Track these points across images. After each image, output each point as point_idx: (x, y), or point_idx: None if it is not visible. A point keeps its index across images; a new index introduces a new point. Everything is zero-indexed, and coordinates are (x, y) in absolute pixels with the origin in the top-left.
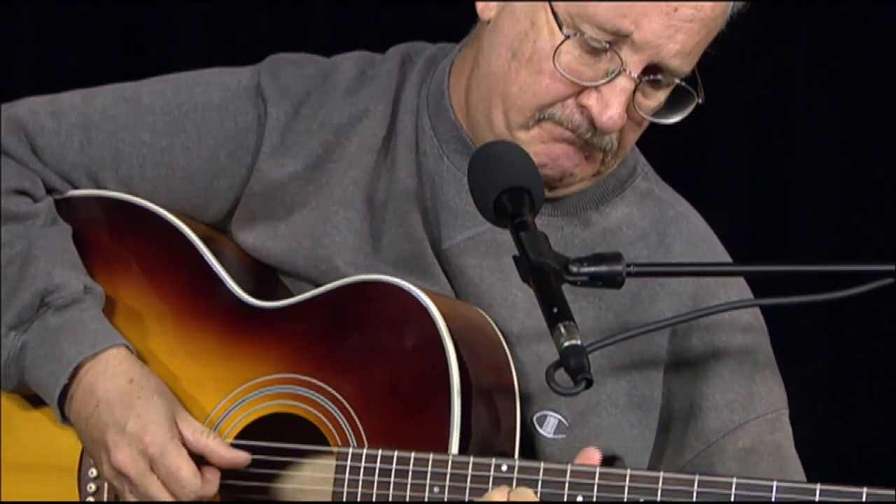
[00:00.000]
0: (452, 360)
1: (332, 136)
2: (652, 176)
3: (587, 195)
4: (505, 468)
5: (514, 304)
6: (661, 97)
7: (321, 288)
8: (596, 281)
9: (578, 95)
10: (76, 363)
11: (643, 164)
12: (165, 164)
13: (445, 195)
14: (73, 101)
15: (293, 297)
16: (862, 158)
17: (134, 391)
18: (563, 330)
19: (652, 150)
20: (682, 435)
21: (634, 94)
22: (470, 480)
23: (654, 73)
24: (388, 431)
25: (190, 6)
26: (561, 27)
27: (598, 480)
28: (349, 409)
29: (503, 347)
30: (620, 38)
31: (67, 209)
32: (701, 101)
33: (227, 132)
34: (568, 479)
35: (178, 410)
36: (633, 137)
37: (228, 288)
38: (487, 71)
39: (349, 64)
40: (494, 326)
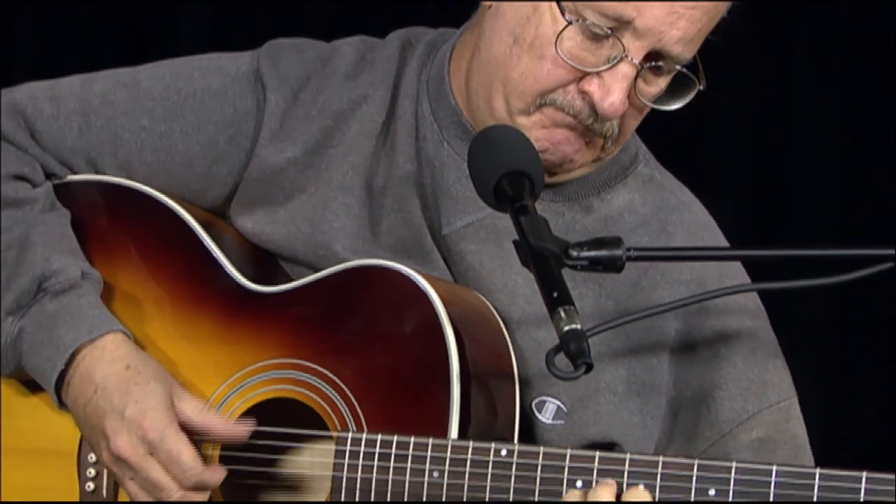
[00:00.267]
0: (452, 345)
1: (331, 121)
2: (653, 163)
3: (589, 181)
4: (504, 453)
5: (514, 289)
6: (662, 84)
7: (320, 273)
8: (596, 265)
9: (580, 81)
10: (73, 349)
11: (644, 151)
12: (164, 149)
13: (446, 181)
14: (72, 86)
15: (292, 282)
16: (862, 146)
17: (131, 377)
18: (563, 314)
19: (651, 136)
20: (694, 424)
21: (636, 80)
22: (469, 465)
23: (655, 59)
24: (387, 416)
25: (190, 6)
26: (563, 13)
27: (597, 465)
28: (348, 393)
29: (503, 333)
30: (622, 24)
31: (66, 194)
32: (702, 87)
33: (226, 117)
34: (567, 464)
35: (175, 391)
36: (633, 124)
37: (227, 273)
38: (489, 56)
39: (349, 49)
40: (494, 311)
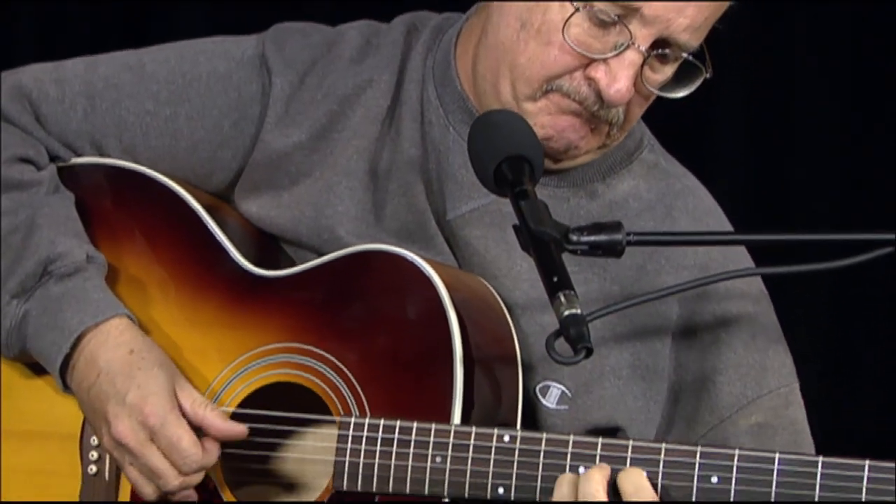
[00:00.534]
0: (455, 329)
1: (336, 105)
2: (658, 149)
3: (594, 167)
4: (507, 439)
5: (518, 274)
6: (668, 71)
7: (324, 257)
8: (596, 250)
9: (586, 68)
10: (78, 333)
11: (649, 136)
12: (169, 133)
13: (451, 166)
14: (77, 68)
15: (296, 266)
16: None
17: (135, 362)
18: (562, 299)
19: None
20: (694, 409)
21: (642, 67)
22: (472, 451)
23: (662, 47)
24: (390, 401)
25: (190, 6)
26: None
27: (600, 451)
28: (352, 378)
29: (506, 317)
30: (630, 11)
31: (70, 177)
32: (709, 75)
33: (231, 102)
34: (570, 449)
35: (178, 380)
36: (639, 111)
37: (231, 257)
38: (496, 41)
39: (354, 33)
40: (497, 296)
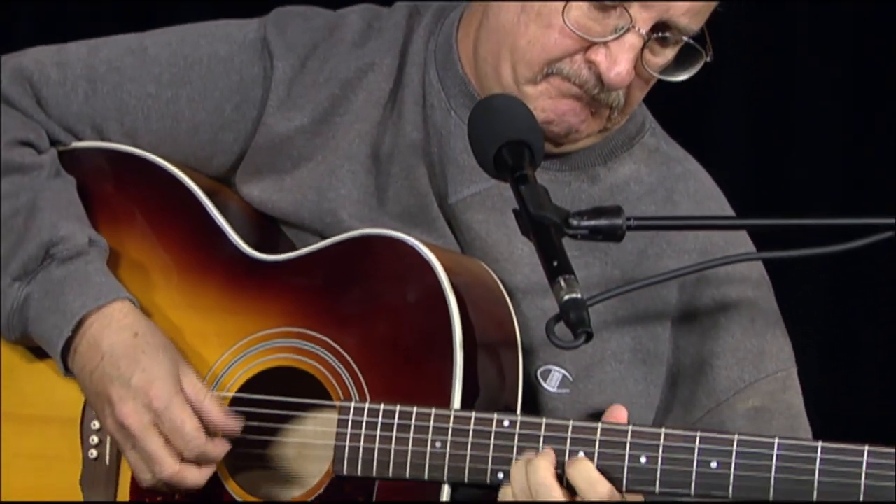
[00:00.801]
0: (455, 314)
1: (338, 89)
2: (660, 132)
3: (595, 151)
4: (507, 424)
5: (518, 258)
6: (669, 55)
7: (324, 242)
8: (596, 234)
9: (587, 51)
10: (80, 316)
11: (651, 120)
12: (170, 116)
13: (453, 150)
14: (78, 52)
15: (296, 250)
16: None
17: (139, 345)
18: (562, 283)
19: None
20: (691, 392)
21: (643, 51)
22: (472, 436)
23: (662, 30)
24: (390, 386)
25: (190, 6)
26: None
27: (600, 436)
28: (352, 363)
29: (506, 302)
30: None
31: (71, 161)
32: (709, 59)
33: (232, 85)
34: (570, 434)
35: (182, 366)
36: (639, 94)
37: (232, 241)
38: (496, 24)
39: (355, 17)
40: (498, 281)
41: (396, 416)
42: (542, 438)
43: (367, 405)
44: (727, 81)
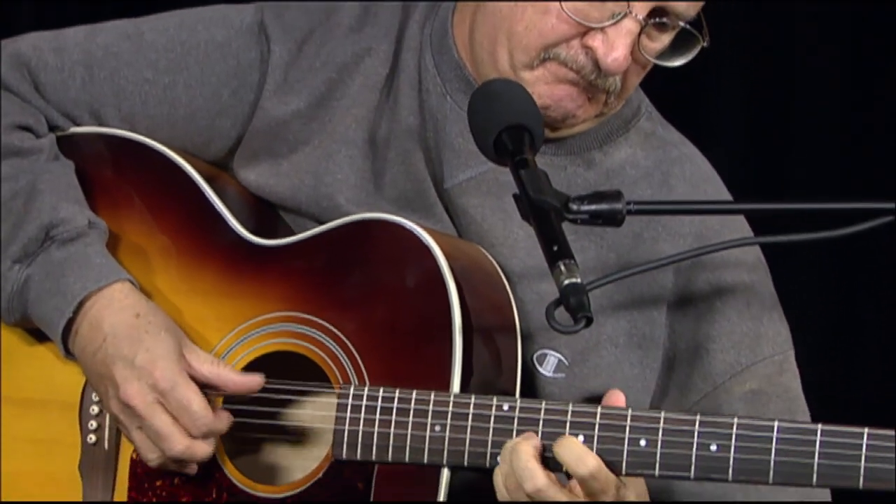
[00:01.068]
0: (454, 298)
1: (334, 73)
2: (656, 116)
3: (591, 135)
4: (506, 408)
5: (515, 243)
6: (665, 40)
7: (323, 226)
8: (596, 219)
9: (584, 37)
10: (81, 297)
11: (647, 104)
12: (168, 101)
13: (448, 134)
14: (76, 37)
15: (295, 234)
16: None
17: (141, 325)
18: (563, 268)
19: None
20: (687, 376)
21: (639, 36)
22: (471, 419)
23: (660, 15)
24: (389, 370)
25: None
26: None
27: (599, 420)
28: (351, 347)
29: (505, 286)
30: None
31: (69, 146)
32: (706, 44)
33: (229, 70)
34: (569, 418)
35: (185, 343)
36: (636, 80)
37: (230, 226)
38: (493, 9)
39: (352, 2)
40: (496, 265)
41: (396, 400)
42: (541, 422)
43: (366, 389)
44: (725, 66)
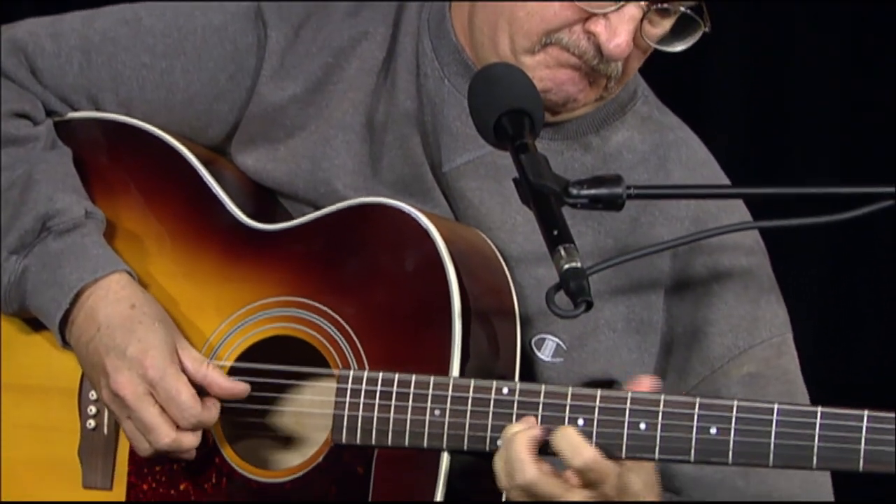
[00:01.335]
0: (453, 282)
1: (331, 58)
2: (653, 100)
3: (587, 119)
4: (506, 391)
5: (513, 227)
6: (667, 25)
7: (321, 210)
8: (596, 203)
9: (586, 22)
10: (77, 288)
11: (644, 88)
12: (165, 86)
13: (446, 118)
14: (73, 22)
15: (293, 219)
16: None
17: (135, 317)
18: (563, 252)
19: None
20: (685, 360)
21: (641, 22)
22: (471, 404)
23: (661, 1)
24: (388, 354)
25: None
26: None
27: (599, 403)
28: (350, 331)
29: (504, 269)
30: None
31: (67, 131)
32: (707, 29)
33: (226, 54)
34: (569, 402)
35: (178, 339)
36: (637, 64)
37: (228, 210)
38: None
39: None
40: (495, 249)
41: (395, 384)
42: (540, 406)
43: (365, 374)
44: (724, 51)
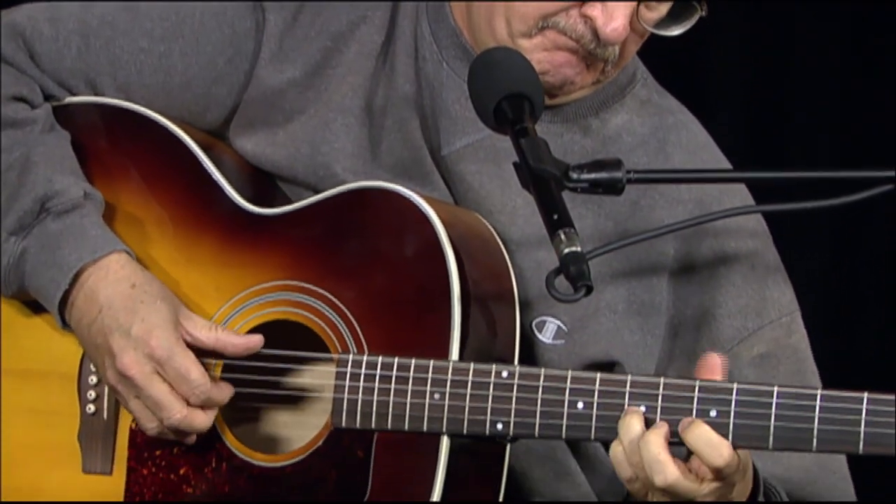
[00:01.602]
0: (452, 266)
1: (330, 42)
2: (651, 83)
3: (587, 102)
4: (505, 375)
5: (513, 210)
6: (663, 10)
7: (321, 194)
8: (596, 188)
9: (582, 6)
10: (77, 269)
11: (642, 70)
12: (163, 70)
13: (445, 101)
14: (71, 7)
15: (292, 203)
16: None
17: (137, 296)
18: (563, 237)
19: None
20: (694, 342)
21: (638, 5)
22: (470, 387)
23: None
24: (388, 338)
25: None
26: None
27: (598, 387)
28: (349, 315)
29: (503, 253)
30: None
31: (65, 116)
32: (704, 13)
33: (225, 38)
34: (568, 385)
35: (181, 311)
36: (634, 48)
37: (227, 195)
38: None
39: None
40: (494, 233)
41: (394, 367)
42: (540, 389)
43: (364, 357)
44: (723, 35)
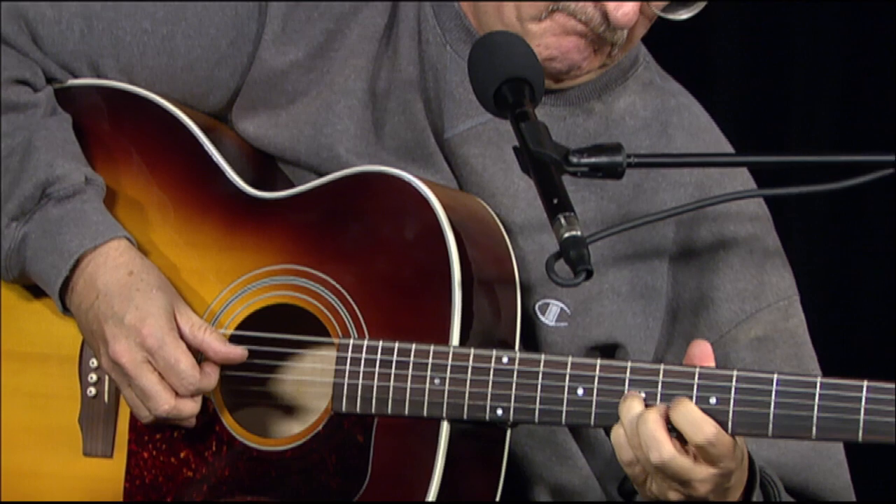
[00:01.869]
0: (453, 250)
1: (333, 23)
2: (654, 66)
3: (590, 85)
4: (506, 360)
5: (515, 193)
6: None
7: (322, 179)
8: (596, 172)
9: None
10: (77, 255)
11: (645, 53)
12: (166, 52)
13: (448, 84)
14: None
15: (293, 187)
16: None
17: (133, 283)
18: (563, 221)
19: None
20: (693, 326)
21: None
22: (471, 372)
23: None
24: (389, 322)
25: None
26: None
27: (598, 373)
28: (350, 300)
29: (504, 237)
30: None
31: (67, 98)
32: None
33: (227, 20)
34: (568, 371)
35: (177, 304)
36: (641, 32)
37: (229, 178)
38: None
39: None
40: (495, 217)
41: (395, 352)
42: (540, 374)
43: (365, 342)
44: (726, 19)
